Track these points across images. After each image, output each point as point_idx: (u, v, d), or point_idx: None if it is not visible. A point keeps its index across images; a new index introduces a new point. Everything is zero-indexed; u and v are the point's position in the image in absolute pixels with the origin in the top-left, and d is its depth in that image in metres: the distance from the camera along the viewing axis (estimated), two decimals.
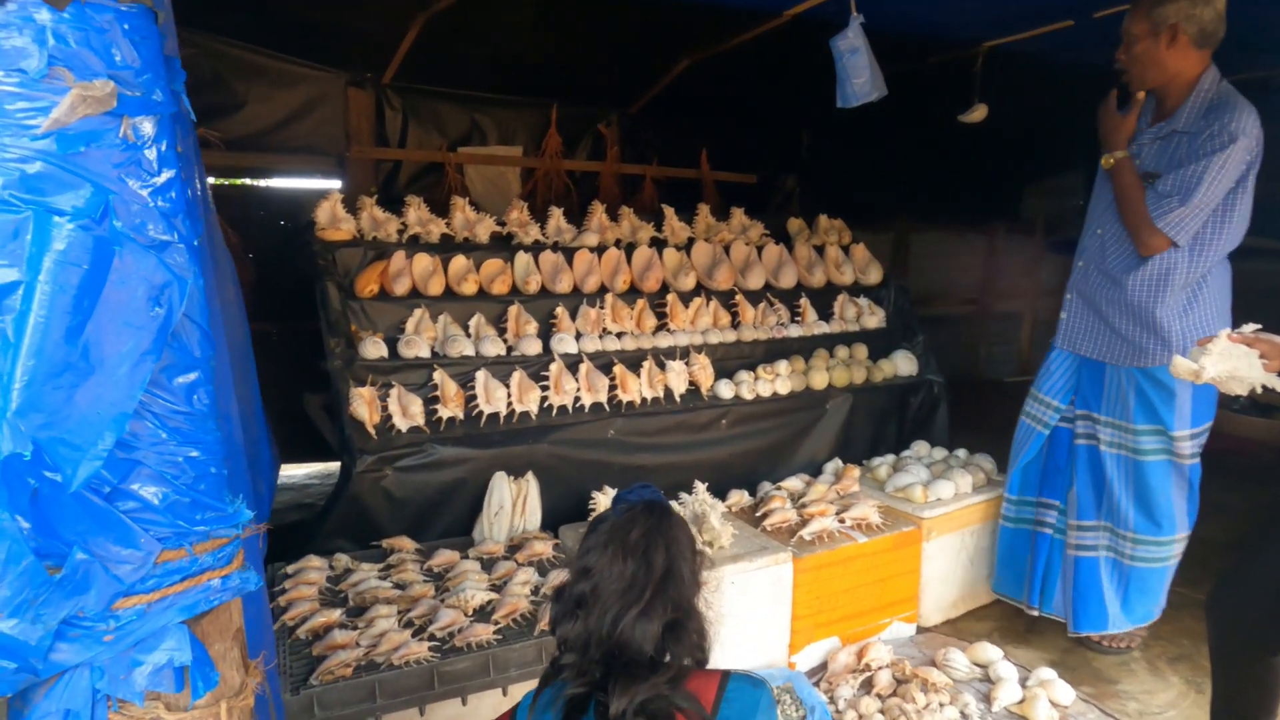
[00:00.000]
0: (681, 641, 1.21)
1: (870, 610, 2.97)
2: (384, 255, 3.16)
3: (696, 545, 1.35)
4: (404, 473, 2.68)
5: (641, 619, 1.18)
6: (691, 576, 1.27)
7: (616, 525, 1.27)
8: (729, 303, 3.73)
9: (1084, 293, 2.82)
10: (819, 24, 3.90)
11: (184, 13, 3.83)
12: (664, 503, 1.32)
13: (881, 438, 3.76)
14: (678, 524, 1.30)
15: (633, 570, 1.21)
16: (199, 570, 0.80)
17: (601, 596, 1.21)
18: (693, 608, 1.26)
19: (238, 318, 1.92)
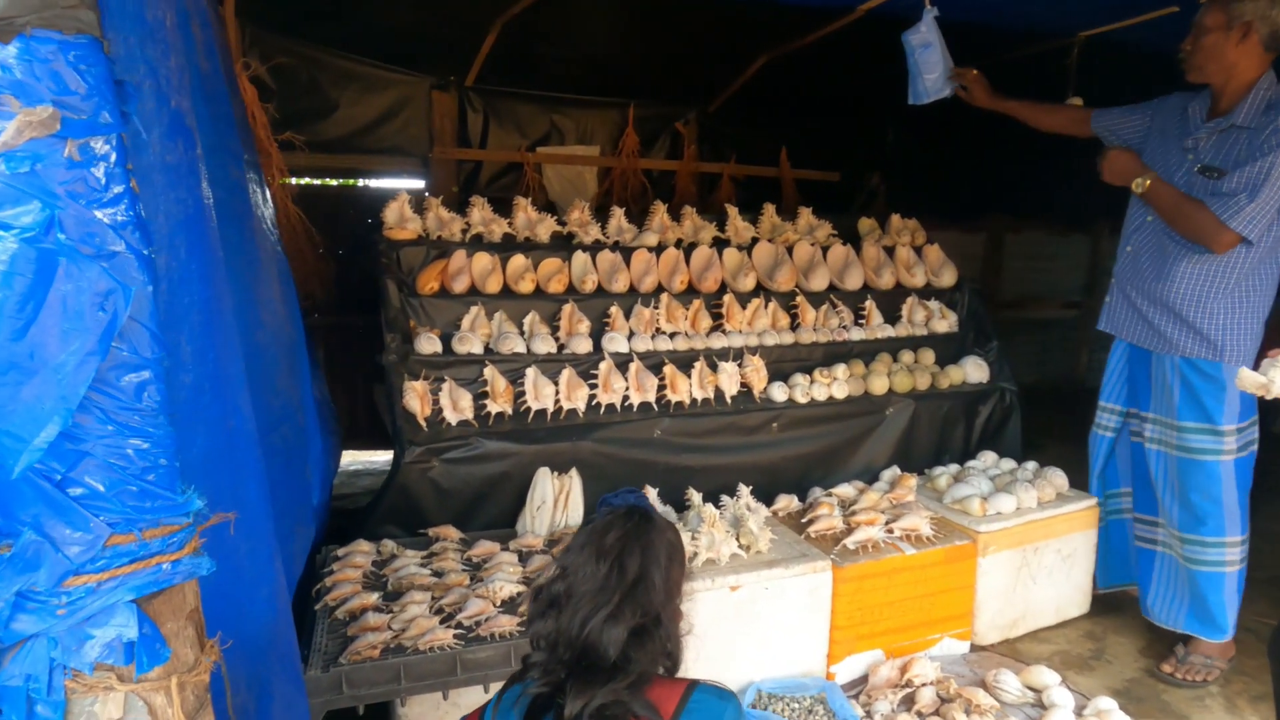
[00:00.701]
0: (646, 648, 1.22)
1: (918, 625, 2.88)
2: (446, 254, 3.28)
3: (680, 555, 1.36)
4: (450, 464, 2.78)
5: (609, 622, 1.20)
6: (664, 585, 1.27)
7: (595, 528, 1.29)
8: (789, 304, 3.68)
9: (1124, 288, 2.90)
10: (897, 19, 3.79)
11: (283, 24, 4.10)
12: (646, 509, 1.34)
13: (946, 447, 3.63)
14: (657, 531, 1.31)
15: (605, 573, 1.23)
16: (148, 554, 0.87)
17: (574, 597, 1.23)
18: (663, 616, 1.26)
19: (281, 317, 2.04)
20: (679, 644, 1.31)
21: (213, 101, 1.68)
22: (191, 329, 1.24)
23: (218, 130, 1.72)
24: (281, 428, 2.08)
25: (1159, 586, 2.88)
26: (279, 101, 4.77)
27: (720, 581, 2.51)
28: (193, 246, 1.22)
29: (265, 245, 2.06)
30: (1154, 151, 2.83)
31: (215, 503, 1.32)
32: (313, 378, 2.72)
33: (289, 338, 2.17)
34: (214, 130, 1.69)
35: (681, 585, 1.35)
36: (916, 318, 3.84)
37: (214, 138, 1.69)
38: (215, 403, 1.31)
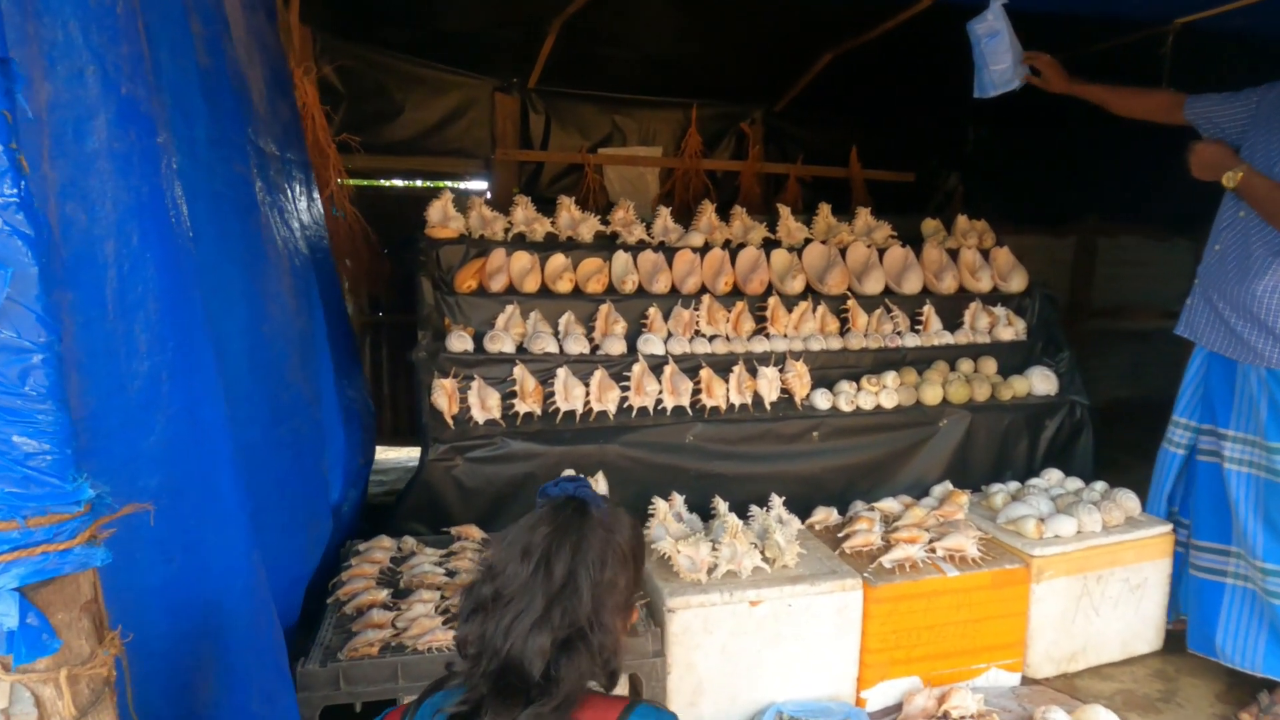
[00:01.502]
0: (574, 662, 1.10)
1: (961, 652, 2.68)
2: (485, 253, 3.28)
3: (627, 554, 1.24)
4: (474, 463, 2.77)
5: (534, 631, 1.09)
6: (596, 589, 1.14)
7: (526, 523, 1.18)
8: (840, 309, 3.52)
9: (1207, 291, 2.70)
10: (966, 9, 3.58)
11: (350, 29, 4.19)
12: (582, 500, 1.21)
13: (1007, 463, 3.39)
14: (592, 528, 1.17)
15: (529, 575, 1.11)
16: (32, 543, 0.86)
17: (499, 601, 1.12)
18: (594, 625, 1.13)
19: (291, 313, 2.05)
20: (618, 654, 1.18)
21: (213, 96, 1.70)
22: (147, 316, 1.24)
23: (219, 125, 1.73)
24: (291, 421, 2.10)
25: (1232, 624, 2.60)
26: (348, 105, 4.94)
27: (739, 595, 2.39)
28: (148, 234, 1.22)
29: (279, 240, 2.08)
30: (1256, 143, 2.56)
31: (175, 491, 1.32)
32: (344, 375, 2.76)
33: (302, 333, 2.18)
34: (214, 124, 1.71)
35: (628, 588, 1.23)
36: (979, 324, 3.62)
37: (214, 131, 1.71)
38: (177, 391, 1.31)
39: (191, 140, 1.64)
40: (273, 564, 2.07)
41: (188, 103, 1.63)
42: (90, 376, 1.16)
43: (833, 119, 5.88)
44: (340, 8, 4.49)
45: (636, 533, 1.30)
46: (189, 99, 1.63)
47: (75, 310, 1.13)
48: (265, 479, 1.99)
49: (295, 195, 2.91)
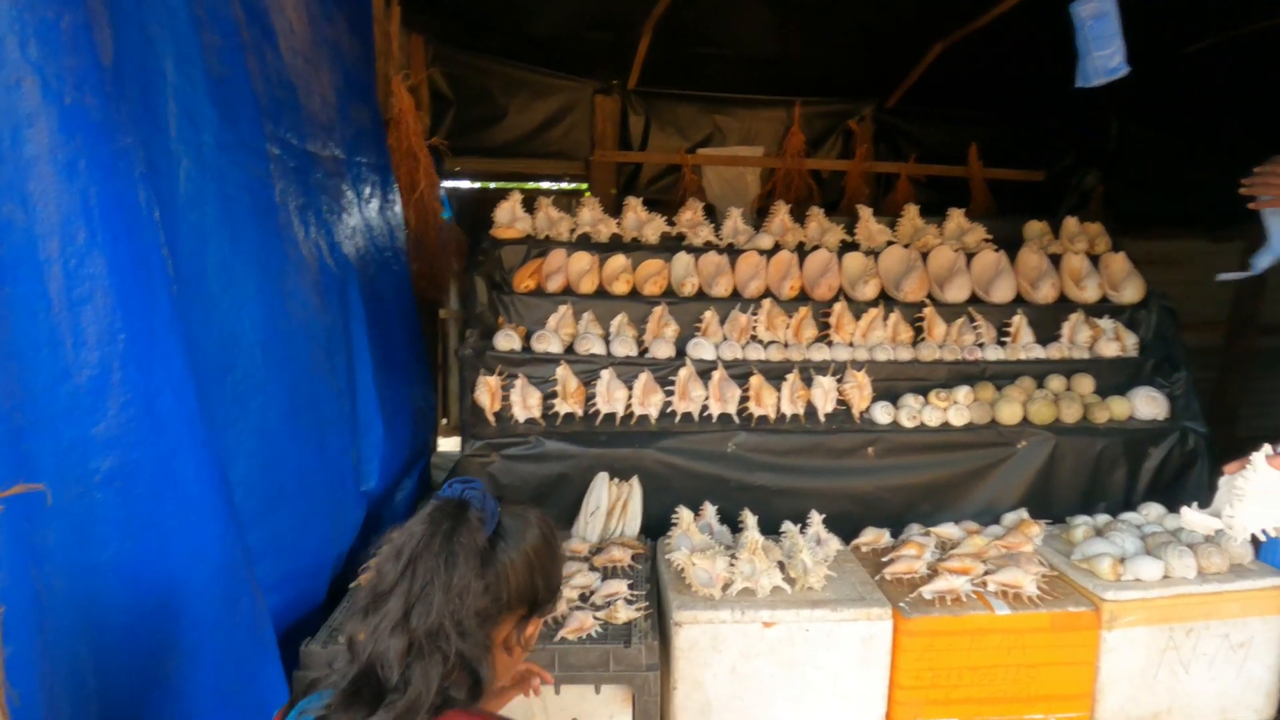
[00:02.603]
0: (424, 668, 1.06)
1: (1013, 699, 2.43)
2: (545, 253, 3.31)
3: (514, 561, 1.20)
4: (510, 461, 2.80)
5: (393, 634, 1.06)
6: (459, 594, 1.10)
7: (408, 523, 1.17)
8: (915, 317, 3.29)
9: None
10: None
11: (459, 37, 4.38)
12: (463, 502, 1.17)
13: (1101, 494, 3.04)
14: (468, 532, 1.13)
15: (398, 575, 1.10)
16: None
17: (378, 601, 1.11)
18: (453, 631, 1.08)
19: (315, 310, 2.16)
20: (487, 664, 1.13)
21: (225, 104, 1.81)
22: (95, 310, 1.33)
23: (233, 130, 1.84)
24: (312, 414, 2.20)
25: None
26: (456, 110, 5.16)
27: (752, 615, 2.28)
28: (96, 233, 1.31)
29: (306, 241, 2.19)
30: None
31: (129, 474, 1.42)
32: (394, 371, 2.88)
33: (329, 330, 2.28)
34: (225, 130, 1.82)
35: (516, 590, 1.19)
36: (1079, 338, 3.27)
37: (225, 136, 1.82)
38: (130, 381, 1.40)
39: (199, 145, 1.76)
40: (293, 548, 2.20)
41: (195, 109, 1.74)
42: (31, 366, 1.26)
43: (951, 115, 5.52)
44: (447, 17, 4.69)
45: (536, 544, 1.26)
46: (196, 106, 1.75)
47: (14, 304, 1.23)
48: (283, 468, 2.10)
49: (364, 197, 3.07)
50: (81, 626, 1.41)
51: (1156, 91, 5.39)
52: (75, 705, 1.39)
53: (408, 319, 3.27)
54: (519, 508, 1.30)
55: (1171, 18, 4.32)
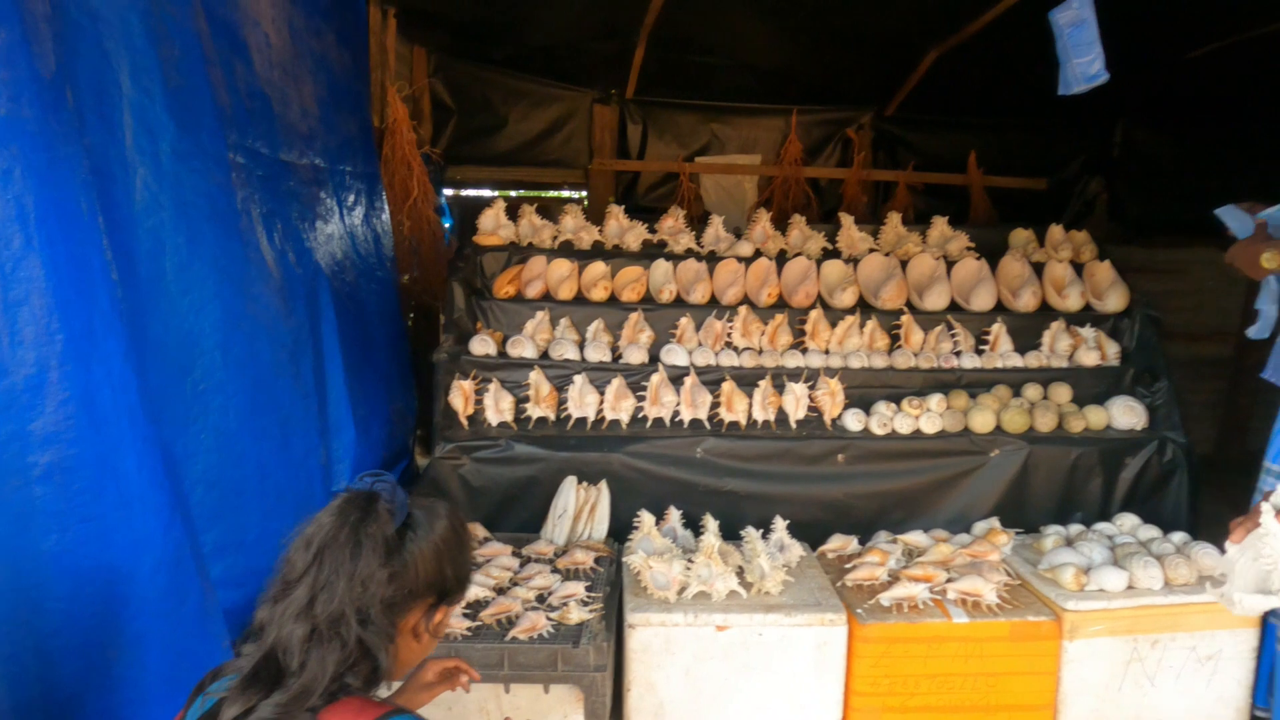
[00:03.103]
0: (321, 654, 1.10)
1: (972, 708, 2.42)
2: (525, 260, 3.37)
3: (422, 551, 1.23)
4: (480, 463, 2.85)
5: (297, 620, 1.11)
6: (363, 584, 1.14)
7: (319, 515, 1.20)
8: (893, 325, 3.29)
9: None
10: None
11: (460, 48, 4.45)
12: (372, 494, 1.21)
13: (1077, 504, 3.01)
14: (376, 523, 1.17)
15: (306, 563, 1.14)
16: None
17: (287, 588, 1.15)
18: (354, 619, 1.13)
19: (278, 314, 2.22)
20: (386, 652, 1.17)
21: (183, 114, 1.88)
22: (32, 312, 1.40)
23: (191, 139, 1.91)
24: (276, 413, 2.27)
25: None
26: (458, 119, 5.25)
27: (705, 618, 2.30)
28: (31, 239, 1.38)
29: (269, 247, 2.25)
30: None
31: (68, 469, 1.49)
32: (371, 375, 2.94)
33: (295, 333, 2.35)
34: (183, 139, 1.89)
35: (425, 580, 1.23)
36: (1059, 347, 3.25)
37: (183, 145, 1.90)
38: (69, 379, 1.46)
39: (156, 153, 1.83)
40: (255, 545, 2.26)
41: (151, 120, 1.81)
42: None
43: (950, 122, 5.50)
44: (447, 29, 4.78)
45: (445, 535, 1.29)
46: (153, 116, 1.82)
47: None
48: (244, 465, 2.17)
49: (347, 205, 3.14)
50: (22, 612, 1.47)
51: (1161, 97, 5.33)
52: (14, 685, 1.45)
53: (390, 324, 3.33)
54: (429, 500, 1.33)
55: (1172, 23, 4.29)
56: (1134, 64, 4.91)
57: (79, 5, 1.62)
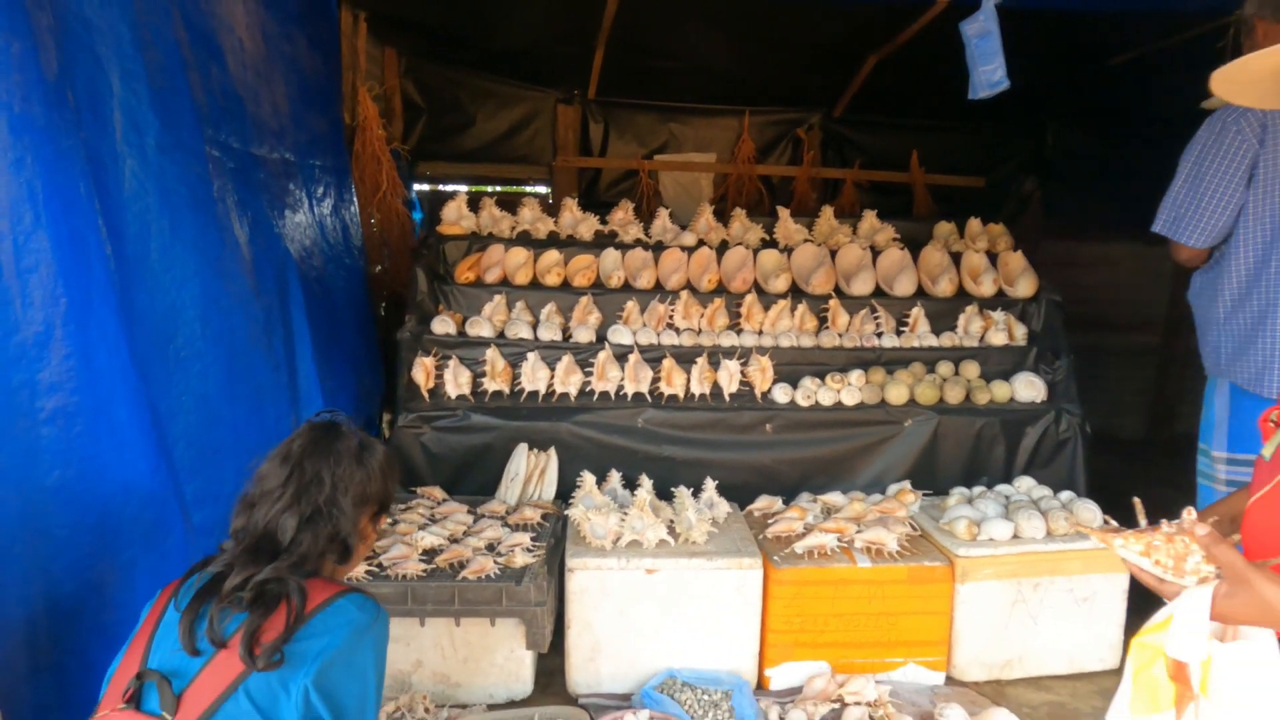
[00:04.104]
0: (313, 532, 1.43)
1: (875, 644, 2.73)
2: (485, 248, 3.63)
3: (370, 462, 1.55)
4: (439, 432, 3.12)
5: (285, 513, 1.43)
6: (337, 481, 1.47)
7: (283, 443, 1.52)
8: (821, 308, 3.59)
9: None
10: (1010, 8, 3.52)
11: (430, 50, 4.70)
12: (334, 424, 1.55)
13: (983, 469, 3.33)
14: (341, 439, 1.52)
15: (287, 474, 1.46)
16: None
17: (265, 496, 1.46)
18: (334, 508, 1.46)
19: (251, 292, 2.48)
20: (356, 536, 1.51)
21: (165, 112, 2.14)
22: (40, 278, 1.66)
23: (172, 134, 2.17)
24: (250, 381, 2.52)
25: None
26: (428, 118, 5.50)
27: (636, 563, 2.59)
28: (40, 216, 1.64)
29: (242, 231, 2.51)
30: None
31: (69, 415, 1.74)
32: (339, 354, 3.20)
33: (267, 310, 2.61)
34: (165, 133, 2.14)
35: (367, 486, 1.54)
36: (972, 328, 3.57)
37: (165, 139, 2.15)
38: (70, 337, 1.72)
39: (142, 147, 2.08)
40: (230, 497, 2.49)
41: (138, 117, 2.07)
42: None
43: (895, 124, 5.83)
44: (416, 32, 5.03)
45: (386, 457, 1.62)
46: (140, 114, 2.07)
47: None
48: (220, 426, 2.42)
49: (316, 196, 3.39)
50: (31, 536, 1.72)
51: (1089, 102, 5.68)
52: (24, 599, 1.71)
53: (357, 307, 3.59)
54: (368, 434, 1.65)
55: (1093, 34, 4.62)
56: (1062, 71, 5.27)
57: (76, 16, 1.87)
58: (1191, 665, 1.18)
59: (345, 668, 1.35)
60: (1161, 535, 1.20)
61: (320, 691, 1.31)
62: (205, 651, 1.32)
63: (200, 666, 1.31)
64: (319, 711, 1.30)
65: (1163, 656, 1.21)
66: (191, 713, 1.26)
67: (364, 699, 1.38)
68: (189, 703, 1.27)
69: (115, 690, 1.32)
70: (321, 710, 1.30)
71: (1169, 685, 1.22)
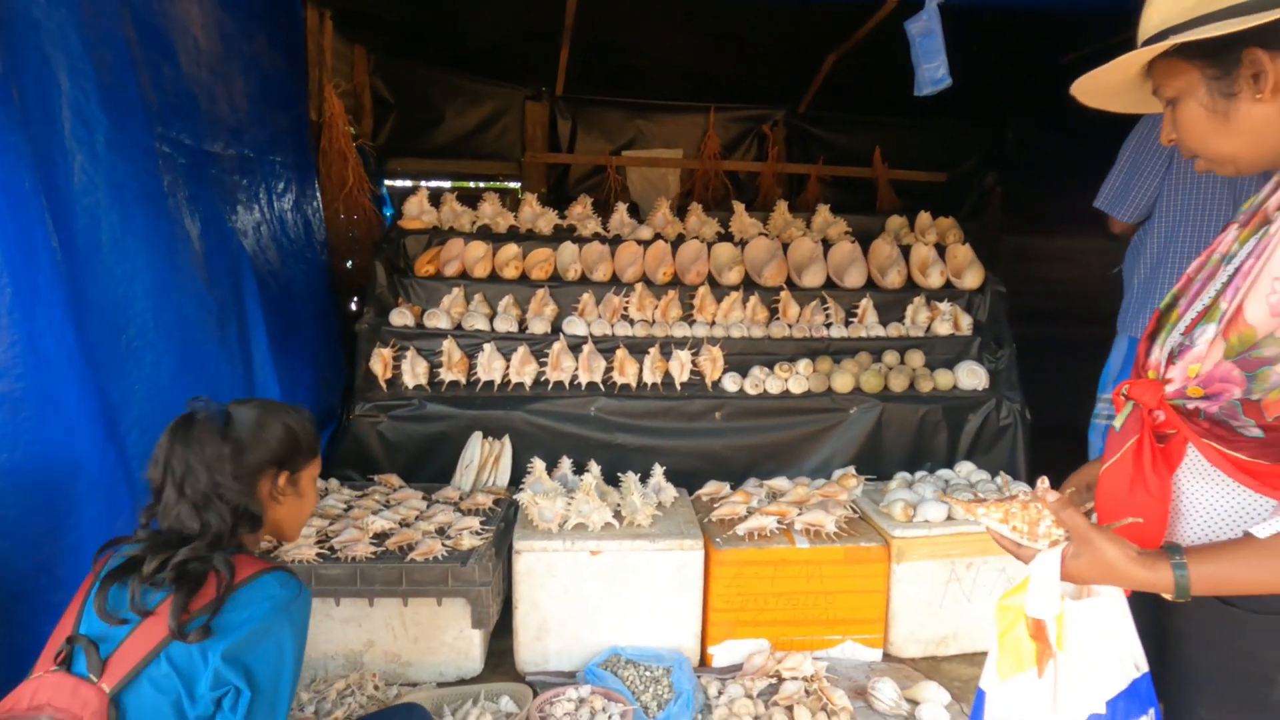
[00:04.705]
0: (213, 513, 1.47)
1: (814, 622, 2.83)
2: (445, 242, 3.72)
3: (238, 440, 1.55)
4: (396, 421, 3.20)
5: (178, 503, 1.48)
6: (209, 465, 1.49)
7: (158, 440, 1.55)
8: (773, 300, 3.69)
9: None
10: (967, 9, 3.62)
11: (399, 48, 4.77)
12: (190, 413, 1.55)
13: (926, 455, 3.44)
14: (199, 426, 1.53)
15: (162, 474, 1.50)
16: None
17: (157, 494, 1.51)
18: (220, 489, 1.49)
19: (202, 285, 2.56)
20: (255, 503, 1.55)
21: (115, 110, 2.21)
22: None
23: (122, 131, 2.24)
24: (202, 371, 2.60)
25: None
26: (397, 115, 5.56)
27: (581, 545, 2.68)
28: None
29: (194, 225, 2.58)
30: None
31: (16, 400, 1.82)
32: (299, 347, 3.27)
33: (221, 303, 2.68)
34: (115, 131, 2.21)
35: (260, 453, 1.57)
36: (919, 319, 3.68)
37: (114, 136, 2.22)
38: (16, 325, 1.80)
39: (91, 143, 2.16)
40: None
41: (87, 114, 2.14)
42: None
43: (858, 120, 5.94)
44: (384, 29, 5.10)
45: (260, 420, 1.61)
46: (89, 111, 2.15)
47: None
48: (174, 413, 2.47)
49: (277, 192, 3.46)
50: None
51: (1047, 98, 5.78)
52: None
53: (318, 301, 3.66)
54: (247, 401, 1.66)
55: (1043, 31, 4.74)
56: (1019, 68, 5.38)
57: (23, 17, 1.94)
58: (1048, 623, 1.28)
59: (262, 642, 1.41)
60: (1018, 503, 1.29)
61: (235, 664, 1.36)
62: (131, 620, 1.39)
63: (127, 633, 1.38)
64: (233, 682, 1.35)
65: (1024, 618, 1.31)
66: (115, 675, 1.34)
67: (279, 673, 1.42)
68: (114, 666, 1.35)
69: (48, 653, 1.40)
70: (235, 679, 1.35)
71: (1030, 644, 1.31)
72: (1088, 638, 1.26)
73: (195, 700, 1.35)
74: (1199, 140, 1.17)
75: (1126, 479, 1.18)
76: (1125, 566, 1.11)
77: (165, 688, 1.35)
